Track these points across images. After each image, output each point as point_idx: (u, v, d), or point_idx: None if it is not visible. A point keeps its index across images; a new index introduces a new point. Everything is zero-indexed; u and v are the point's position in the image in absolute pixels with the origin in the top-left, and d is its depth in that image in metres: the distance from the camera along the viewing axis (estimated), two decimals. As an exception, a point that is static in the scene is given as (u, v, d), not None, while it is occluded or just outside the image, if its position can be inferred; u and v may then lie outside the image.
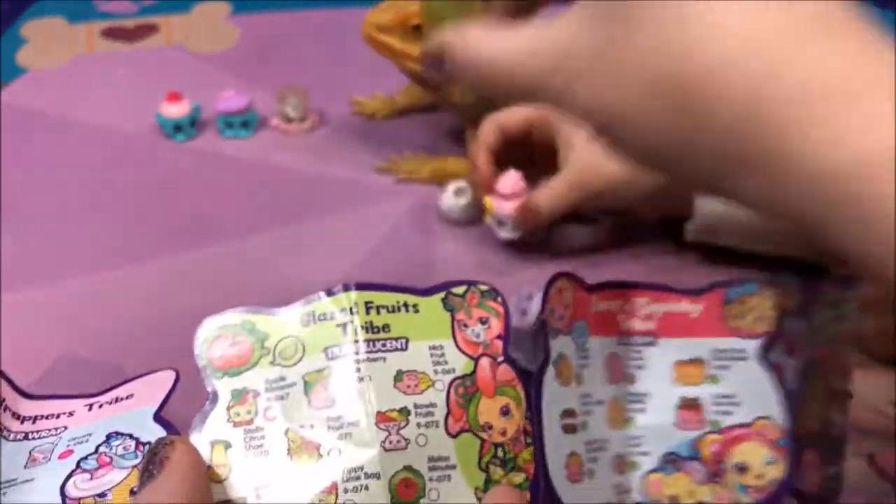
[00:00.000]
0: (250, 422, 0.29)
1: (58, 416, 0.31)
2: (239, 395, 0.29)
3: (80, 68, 0.84)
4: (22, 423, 0.31)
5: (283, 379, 0.30)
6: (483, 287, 0.32)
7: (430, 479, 0.28)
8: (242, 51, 0.86)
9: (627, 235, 0.61)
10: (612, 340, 0.37)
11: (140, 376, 0.32)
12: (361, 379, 0.29)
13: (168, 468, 0.25)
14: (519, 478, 0.29)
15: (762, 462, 0.33)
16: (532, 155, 0.60)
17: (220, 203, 0.66)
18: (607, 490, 0.34)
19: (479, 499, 0.28)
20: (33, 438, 0.30)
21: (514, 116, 0.59)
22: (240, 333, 0.30)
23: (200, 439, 0.29)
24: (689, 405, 0.35)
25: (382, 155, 0.70)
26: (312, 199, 0.66)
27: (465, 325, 0.31)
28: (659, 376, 0.36)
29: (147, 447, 0.28)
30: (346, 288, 0.31)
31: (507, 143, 0.59)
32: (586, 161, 0.54)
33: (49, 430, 0.30)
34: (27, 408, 0.32)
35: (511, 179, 0.57)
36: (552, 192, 0.55)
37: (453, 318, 0.31)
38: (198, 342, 0.30)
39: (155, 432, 0.29)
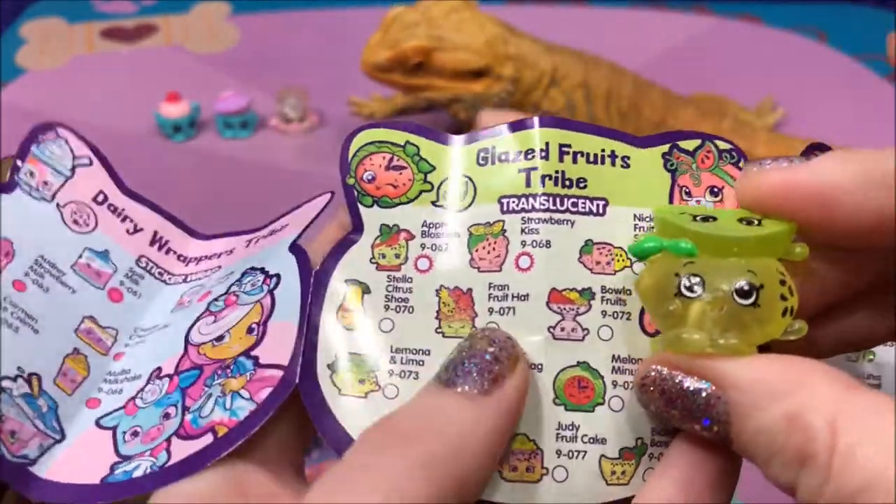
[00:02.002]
0: (397, 268, 0.23)
1: (219, 256, 0.28)
2: (388, 233, 0.24)
3: (80, 68, 0.84)
4: (186, 264, 0.28)
5: (444, 225, 0.24)
6: (723, 144, 0.24)
7: (614, 384, 0.22)
8: (242, 51, 0.86)
9: None
10: None
11: (301, 205, 0.28)
12: (538, 243, 0.23)
13: None
14: None
15: None
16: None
17: (220, 203, 0.66)
18: None
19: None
20: (190, 281, 0.28)
21: None
22: (401, 156, 0.24)
23: (333, 276, 0.23)
24: None
25: (382, 155, 0.70)
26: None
27: (689, 194, 0.24)
28: None
29: (275, 280, 0.24)
30: (540, 123, 0.24)
31: None
32: None
33: (206, 271, 0.28)
34: (195, 248, 0.29)
35: None
36: None
37: (674, 182, 0.24)
38: (349, 153, 0.25)
39: (285, 262, 0.24)
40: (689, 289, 0.19)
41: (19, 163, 0.26)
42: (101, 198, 0.28)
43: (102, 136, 0.84)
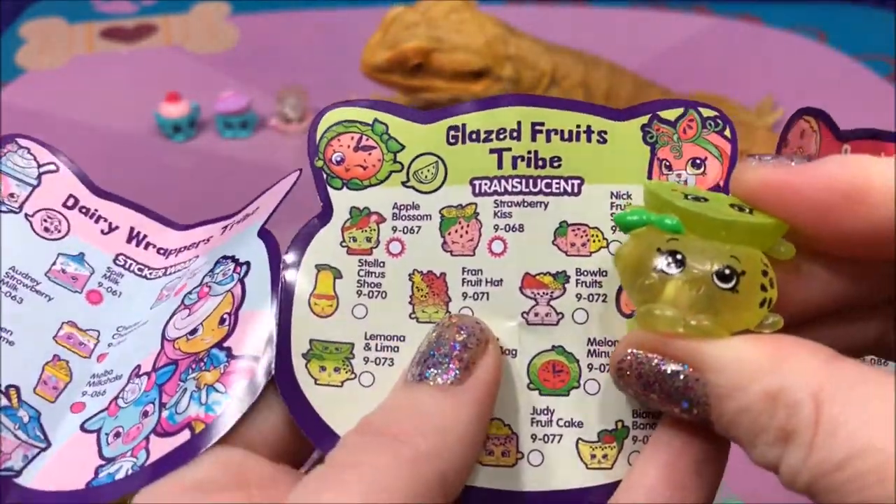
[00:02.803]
0: (368, 251, 0.23)
1: (197, 245, 0.27)
2: (359, 216, 0.23)
3: (79, 68, 0.84)
4: (167, 257, 0.28)
5: (415, 207, 0.23)
6: (707, 112, 0.23)
7: (590, 367, 0.22)
8: (241, 51, 0.86)
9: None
10: None
11: (272, 186, 0.27)
12: (511, 228, 0.22)
13: None
14: None
15: None
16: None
17: (219, 204, 0.66)
18: None
19: None
20: (171, 273, 0.27)
21: None
22: (369, 135, 0.24)
23: (303, 261, 0.23)
24: None
25: (381, 155, 0.70)
26: (311, 200, 0.66)
27: (669, 168, 0.23)
28: None
29: (245, 268, 0.24)
30: (510, 101, 0.23)
31: None
32: None
33: (185, 262, 0.27)
34: (174, 240, 0.28)
35: None
36: None
37: (653, 156, 0.23)
38: (317, 135, 0.24)
39: (255, 248, 0.24)
40: (669, 265, 0.19)
41: None
42: (71, 202, 0.28)
43: (102, 136, 0.84)
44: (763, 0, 0.94)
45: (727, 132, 0.23)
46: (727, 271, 0.18)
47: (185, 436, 0.21)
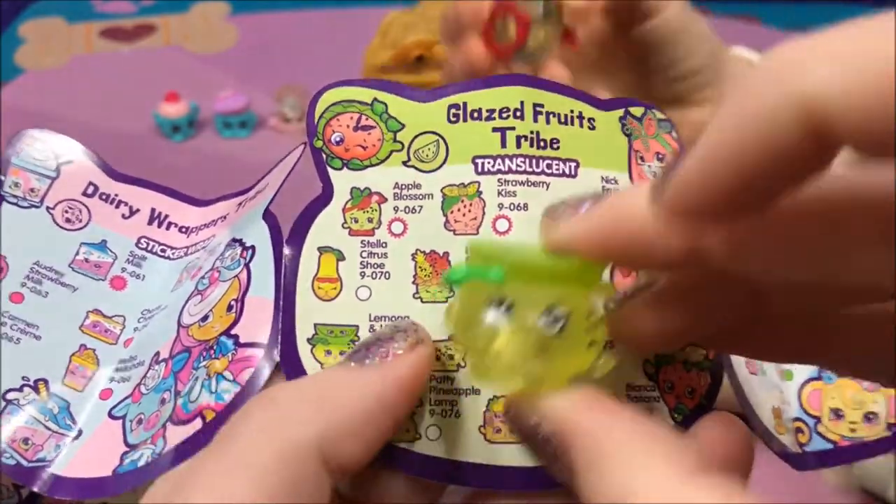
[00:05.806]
0: (371, 232, 0.23)
1: (215, 223, 0.28)
2: (360, 197, 0.23)
3: (79, 68, 0.83)
4: (188, 235, 0.28)
5: (417, 186, 0.23)
6: (660, 115, 0.25)
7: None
8: (241, 51, 0.86)
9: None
10: None
11: (279, 162, 0.27)
12: (516, 206, 0.22)
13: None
14: (698, 355, 0.23)
15: None
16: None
17: (219, 203, 0.66)
18: (773, 392, 0.27)
19: (648, 375, 0.23)
20: (191, 253, 0.27)
21: None
22: (369, 115, 0.23)
23: (305, 244, 0.23)
24: None
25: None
26: (310, 200, 0.66)
27: (643, 159, 0.24)
28: None
29: (250, 252, 0.24)
30: (513, 80, 0.23)
31: None
32: None
33: (204, 241, 0.27)
34: (196, 217, 0.28)
35: None
36: None
37: (630, 147, 0.24)
38: (315, 115, 0.24)
39: (260, 232, 0.24)
40: (498, 316, 0.19)
41: (1, 177, 0.27)
42: (90, 189, 0.28)
43: (101, 136, 0.84)
44: (763, 0, 0.94)
45: (674, 134, 0.25)
46: (552, 316, 0.18)
47: (197, 424, 0.21)
